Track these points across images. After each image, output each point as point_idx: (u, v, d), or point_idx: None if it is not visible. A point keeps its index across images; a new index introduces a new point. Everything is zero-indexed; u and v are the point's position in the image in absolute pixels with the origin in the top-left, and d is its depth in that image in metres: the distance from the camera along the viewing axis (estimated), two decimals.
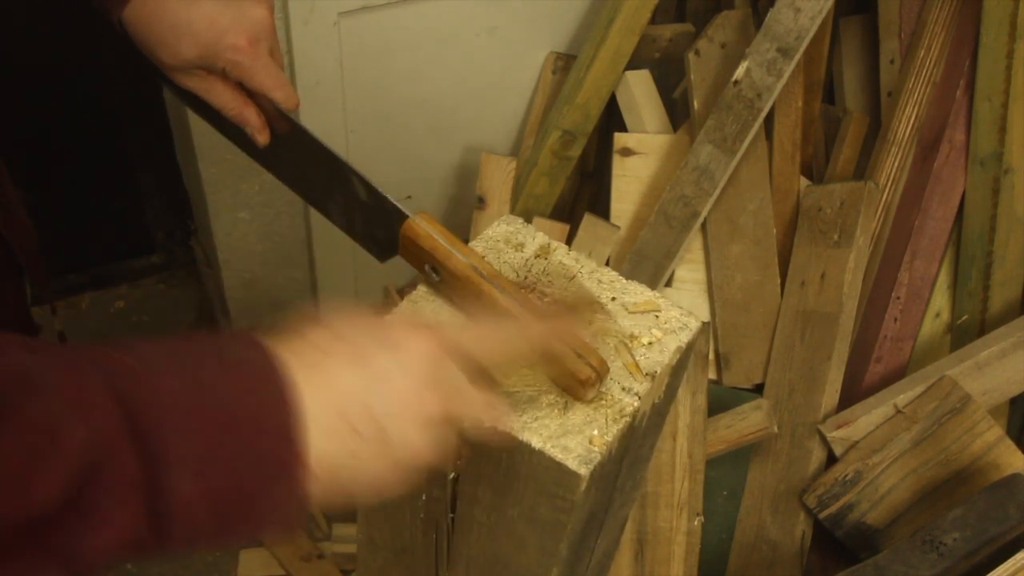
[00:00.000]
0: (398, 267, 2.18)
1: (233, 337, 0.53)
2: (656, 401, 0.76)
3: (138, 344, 0.50)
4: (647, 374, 0.71)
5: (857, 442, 1.49)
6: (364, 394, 0.53)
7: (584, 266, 0.79)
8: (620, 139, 1.69)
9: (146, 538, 0.47)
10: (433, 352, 0.56)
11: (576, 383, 0.67)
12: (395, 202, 0.76)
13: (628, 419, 0.68)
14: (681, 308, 0.77)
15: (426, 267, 0.73)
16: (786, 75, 1.53)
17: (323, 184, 0.82)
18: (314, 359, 0.53)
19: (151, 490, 0.46)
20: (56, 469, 0.43)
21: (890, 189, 1.63)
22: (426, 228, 0.72)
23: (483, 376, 0.60)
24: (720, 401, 1.56)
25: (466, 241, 0.76)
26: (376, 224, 0.78)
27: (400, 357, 0.55)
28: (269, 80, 0.81)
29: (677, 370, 0.77)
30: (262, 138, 0.84)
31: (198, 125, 1.65)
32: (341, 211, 0.81)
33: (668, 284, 1.64)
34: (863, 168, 1.70)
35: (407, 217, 0.74)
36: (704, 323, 1.61)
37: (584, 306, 0.69)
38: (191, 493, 0.47)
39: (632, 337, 0.74)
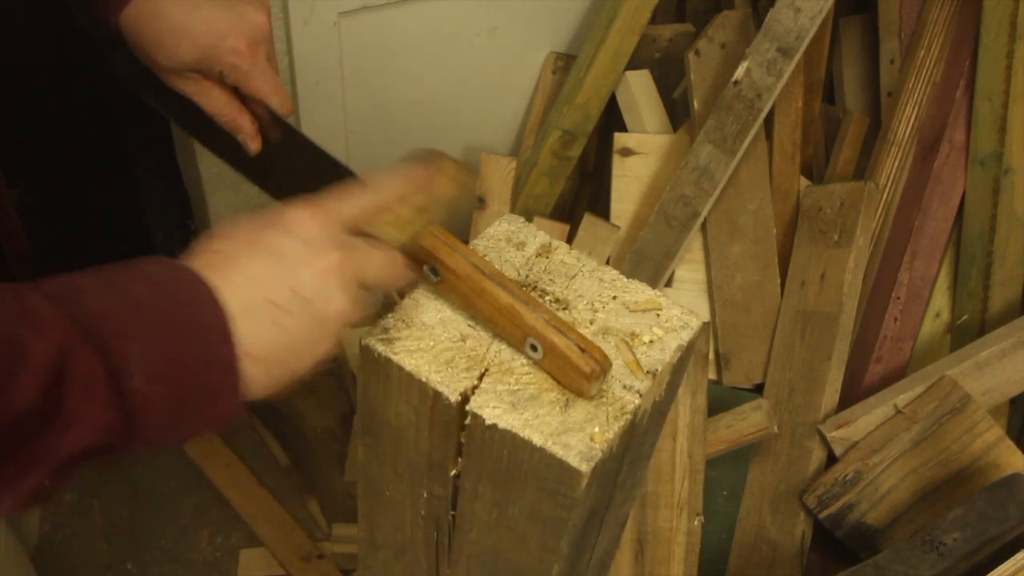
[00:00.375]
0: None
1: (144, 261, 0.57)
2: (657, 399, 0.76)
3: (58, 275, 0.55)
4: (648, 372, 0.71)
5: (857, 442, 1.49)
6: (275, 272, 0.58)
7: (585, 265, 0.79)
8: (620, 139, 1.69)
9: (116, 435, 0.52)
10: (309, 215, 0.61)
11: (580, 377, 0.67)
12: None
13: (629, 417, 0.68)
14: (682, 307, 0.77)
15: (425, 268, 0.73)
16: (786, 75, 1.53)
17: (316, 190, 0.82)
18: (221, 260, 0.58)
19: (114, 389, 0.51)
20: (27, 375, 0.48)
21: (890, 189, 1.63)
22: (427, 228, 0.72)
23: (359, 233, 0.65)
24: (720, 401, 1.56)
25: (466, 241, 0.76)
26: None
27: (284, 228, 0.60)
28: (266, 85, 0.81)
29: (678, 368, 0.77)
30: (255, 145, 0.84)
31: None
32: None
33: (668, 284, 1.65)
34: (863, 168, 1.70)
35: None
36: (704, 323, 1.61)
37: (429, 156, 0.71)
38: (148, 391, 0.52)
39: (633, 335, 0.74)
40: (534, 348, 0.69)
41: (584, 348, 0.67)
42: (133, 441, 0.53)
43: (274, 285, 0.58)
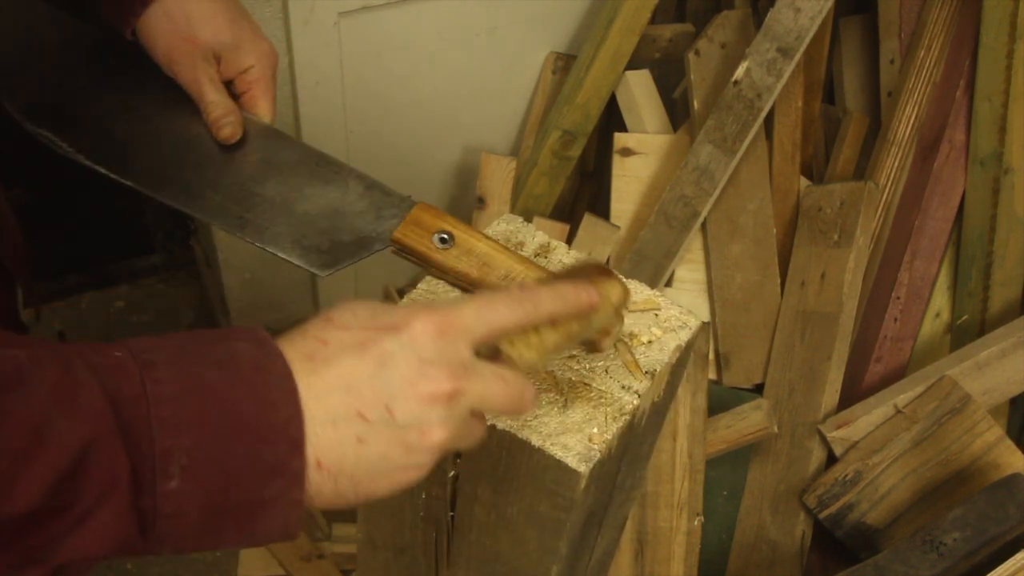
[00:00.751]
0: (398, 267, 2.18)
1: (232, 331, 0.52)
2: (656, 400, 0.76)
3: (134, 339, 0.49)
4: (647, 372, 0.71)
5: (857, 442, 1.49)
6: (367, 378, 0.52)
7: None
8: (620, 139, 1.69)
9: (132, 538, 0.46)
10: (435, 329, 0.53)
11: (600, 332, 0.65)
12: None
13: (628, 417, 0.68)
14: (681, 307, 0.77)
15: (435, 237, 0.74)
16: (786, 75, 1.53)
17: (284, 196, 0.82)
18: (312, 349, 0.52)
19: (137, 488, 0.45)
20: (41, 468, 0.43)
21: (890, 189, 1.63)
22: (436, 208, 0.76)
23: (492, 349, 0.58)
24: (720, 401, 1.56)
25: None
26: (350, 225, 0.79)
27: (402, 338, 0.53)
28: (271, 94, 0.86)
29: (677, 369, 0.77)
30: (232, 131, 0.83)
31: None
32: (296, 223, 0.80)
33: (668, 284, 1.65)
34: (863, 168, 1.70)
35: (415, 203, 0.78)
36: (704, 323, 1.61)
37: (592, 271, 0.64)
38: (180, 491, 0.46)
39: (632, 335, 0.74)
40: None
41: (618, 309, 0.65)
42: (155, 546, 0.47)
43: (371, 398, 0.51)
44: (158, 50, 0.83)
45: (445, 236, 0.74)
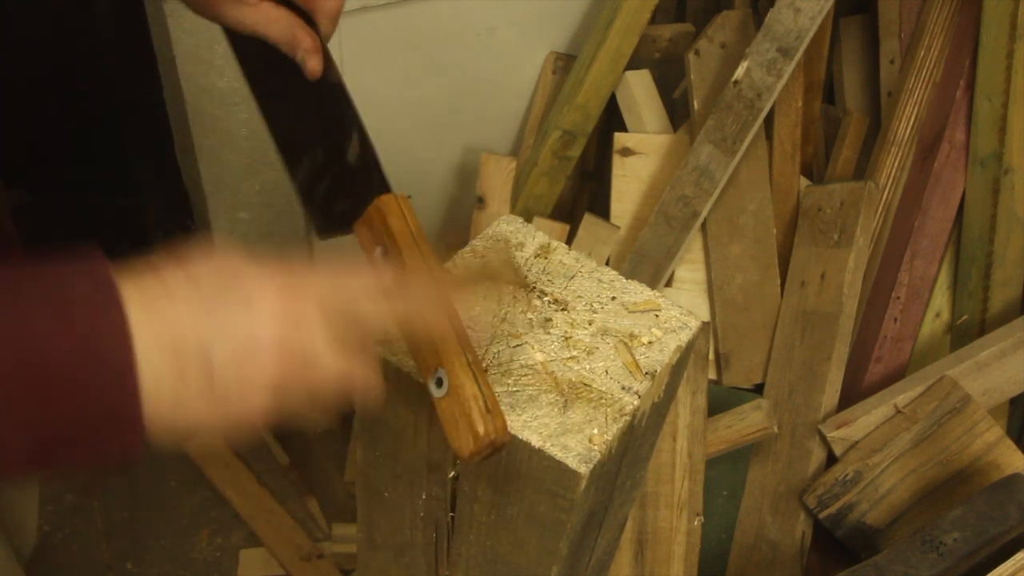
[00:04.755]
0: None
1: (73, 263, 0.50)
2: (656, 400, 0.76)
3: None
4: (647, 373, 0.71)
5: (857, 442, 1.49)
6: (202, 343, 0.51)
7: (584, 265, 0.79)
8: (620, 139, 1.69)
9: None
10: (287, 313, 0.53)
11: (469, 436, 0.59)
12: (384, 173, 0.72)
13: (628, 418, 0.68)
14: (681, 307, 0.77)
15: (378, 249, 0.67)
16: (786, 75, 1.53)
17: (311, 132, 0.76)
18: (157, 297, 0.51)
19: None
20: None
21: (890, 189, 1.63)
22: (402, 208, 0.68)
23: (350, 336, 0.56)
24: (720, 401, 1.56)
25: (467, 242, 0.76)
26: (342, 192, 0.73)
27: (251, 315, 0.52)
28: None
29: (677, 369, 0.77)
30: (315, 63, 0.76)
31: (198, 125, 1.65)
32: (310, 170, 0.75)
33: (668, 284, 1.65)
34: (863, 168, 1.70)
35: (389, 191, 0.70)
36: (704, 323, 1.61)
37: (500, 273, 0.62)
38: (13, 438, 0.46)
39: (632, 336, 0.74)
40: (440, 383, 0.61)
41: (491, 410, 0.59)
42: None
43: (190, 350, 0.51)
44: None
45: (387, 251, 0.66)
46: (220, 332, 0.51)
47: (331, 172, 0.75)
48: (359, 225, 0.70)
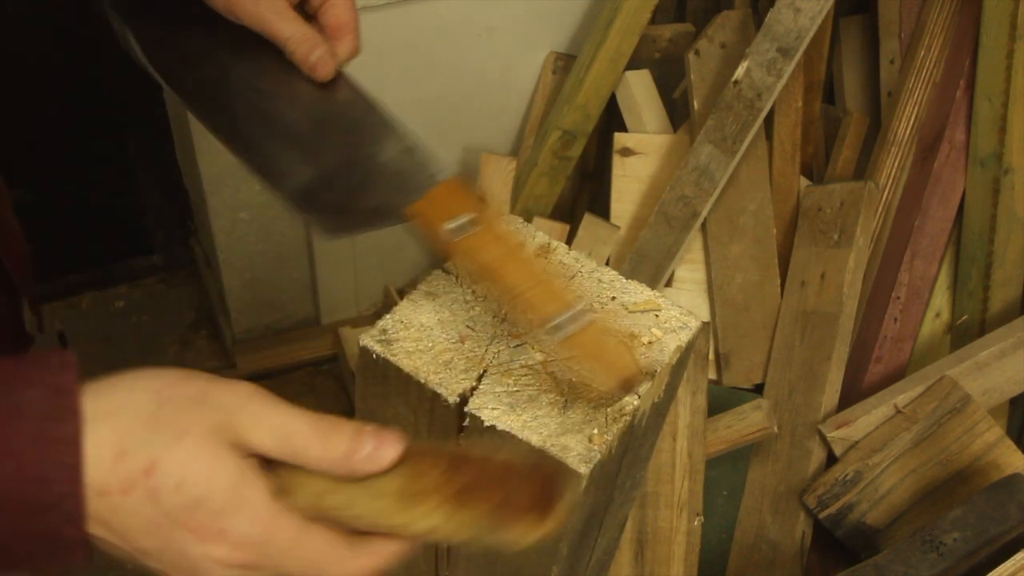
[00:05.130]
0: (398, 267, 2.18)
1: (27, 375, 0.46)
2: (656, 400, 0.76)
3: None
4: (647, 373, 0.71)
5: (857, 442, 1.49)
6: (144, 552, 0.48)
7: (584, 265, 0.79)
8: (620, 139, 1.69)
9: None
10: (242, 563, 0.49)
11: (614, 375, 0.62)
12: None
13: (628, 418, 0.68)
14: (681, 308, 0.77)
15: (448, 224, 0.64)
16: (786, 75, 1.53)
17: (322, 142, 0.73)
18: (116, 489, 0.46)
19: None
20: None
21: (890, 189, 1.63)
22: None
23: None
24: (720, 401, 1.56)
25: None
26: (373, 189, 0.71)
27: (200, 552, 0.48)
28: (348, 15, 0.75)
29: (677, 369, 0.77)
30: (325, 70, 0.74)
31: (198, 125, 1.65)
32: (318, 172, 0.72)
33: (668, 284, 1.65)
34: (863, 168, 1.70)
35: (445, 177, 0.69)
36: (704, 323, 1.61)
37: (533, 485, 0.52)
38: None
39: (632, 336, 0.74)
40: (558, 329, 0.61)
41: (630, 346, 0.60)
42: None
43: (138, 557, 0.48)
44: None
45: (461, 224, 0.64)
46: (172, 564, 0.48)
47: (353, 172, 0.73)
48: (417, 208, 0.67)
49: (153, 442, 0.46)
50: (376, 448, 0.51)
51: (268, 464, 0.50)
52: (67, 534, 0.46)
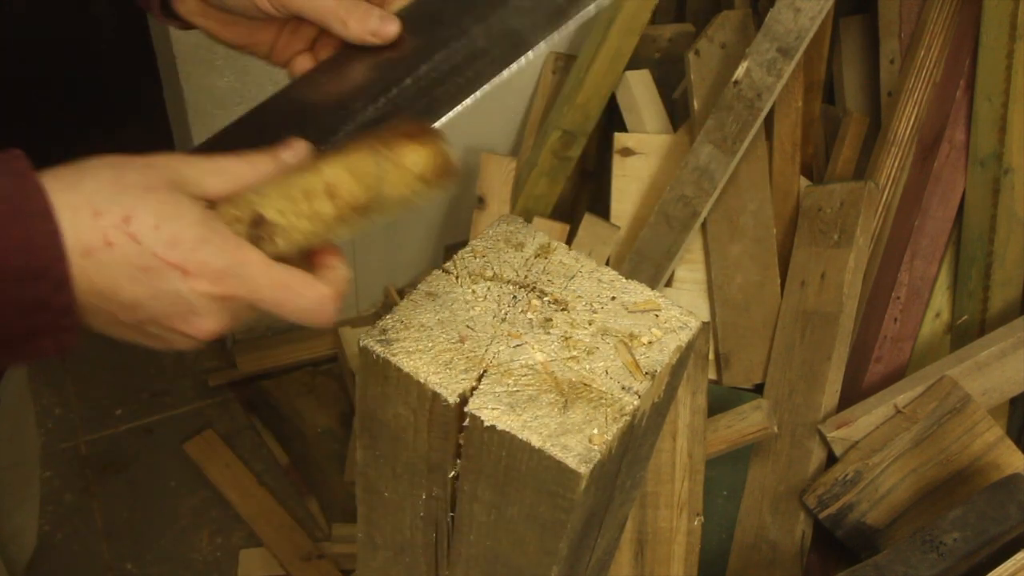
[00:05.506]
0: (398, 267, 2.18)
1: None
2: (656, 400, 0.76)
3: None
4: (647, 373, 0.71)
5: (857, 442, 1.49)
6: (134, 305, 0.53)
7: (584, 265, 0.79)
8: (620, 139, 1.69)
9: None
10: (217, 291, 0.54)
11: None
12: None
13: (628, 418, 0.68)
14: (681, 307, 0.77)
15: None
16: (786, 75, 1.53)
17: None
18: (92, 241, 0.51)
19: None
20: None
21: (890, 189, 1.63)
22: None
23: (257, 217, 0.57)
24: (720, 401, 1.56)
25: (466, 242, 0.76)
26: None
27: (187, 287, 0.53)
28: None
29: (677, 369, 0.77)
30: (391, 30, 0.73)
31: (198, 124, 1.65)
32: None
33: (668, 284, 1.65)
34: (863, 168, 1.70)
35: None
36: (704, 323, 1.61)
37: (403, 131, 0.60)
38: None
39: (632, 336, 0.74)
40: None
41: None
42: None
43: (123, 308, 0.53)
44: None
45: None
46: (155, 300, 0.53)
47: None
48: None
49: (123, 199, 0.52)
50: (286, 150, 0.60)
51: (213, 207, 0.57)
52: (57, 302, 0.50)
